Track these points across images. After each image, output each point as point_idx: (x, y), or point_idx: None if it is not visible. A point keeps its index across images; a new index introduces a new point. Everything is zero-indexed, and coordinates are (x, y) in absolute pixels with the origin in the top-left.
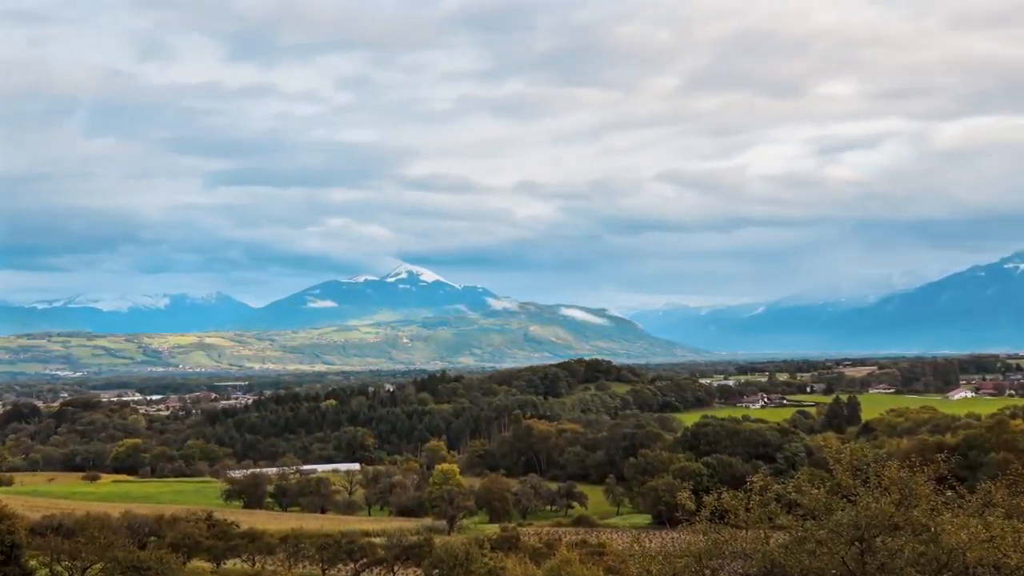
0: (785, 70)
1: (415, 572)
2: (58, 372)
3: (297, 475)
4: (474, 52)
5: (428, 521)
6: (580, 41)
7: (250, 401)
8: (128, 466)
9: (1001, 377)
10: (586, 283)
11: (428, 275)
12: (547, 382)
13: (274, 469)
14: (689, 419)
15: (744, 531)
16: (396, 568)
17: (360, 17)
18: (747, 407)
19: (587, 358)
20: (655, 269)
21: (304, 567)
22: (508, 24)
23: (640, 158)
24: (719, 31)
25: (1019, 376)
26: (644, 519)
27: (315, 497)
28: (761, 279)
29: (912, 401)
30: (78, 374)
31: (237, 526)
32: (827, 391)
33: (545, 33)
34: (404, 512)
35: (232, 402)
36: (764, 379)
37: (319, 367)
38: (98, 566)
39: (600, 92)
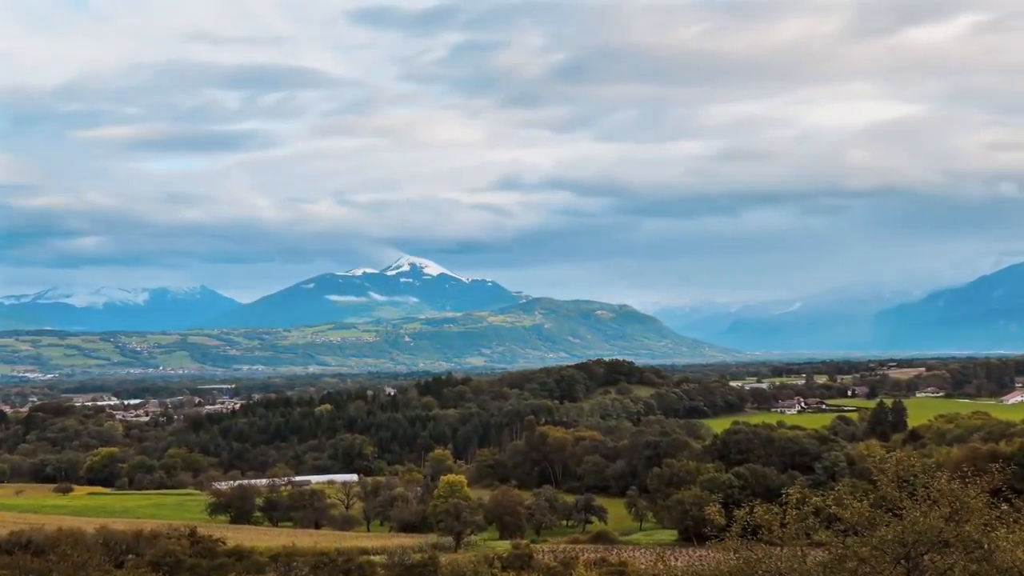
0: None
1: None
2: (27, 374)
3: (289, 487)
4: None
5: (432, 538)
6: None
7: (237, 406)
8: (104, 477)
9: None
10: (606, 277)
11: (432, 268)
12: (563, 385)
13: (264, 480)
14: (718, 425)
15: (779, 548)
16: None
17: None
18: (782, 412)
19: (607, 359)
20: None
21: None
22: None
23: None
24: None
25: None
26: (669, 535)
27: (309, 511)
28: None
29: (963, 406)
30: (49, 376)
31: (223, 543)
32: (870, 395)
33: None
34: (406, 528)
35: (218, 407)
36: (800, 382)
37: (313, 369)
38: None
39: None
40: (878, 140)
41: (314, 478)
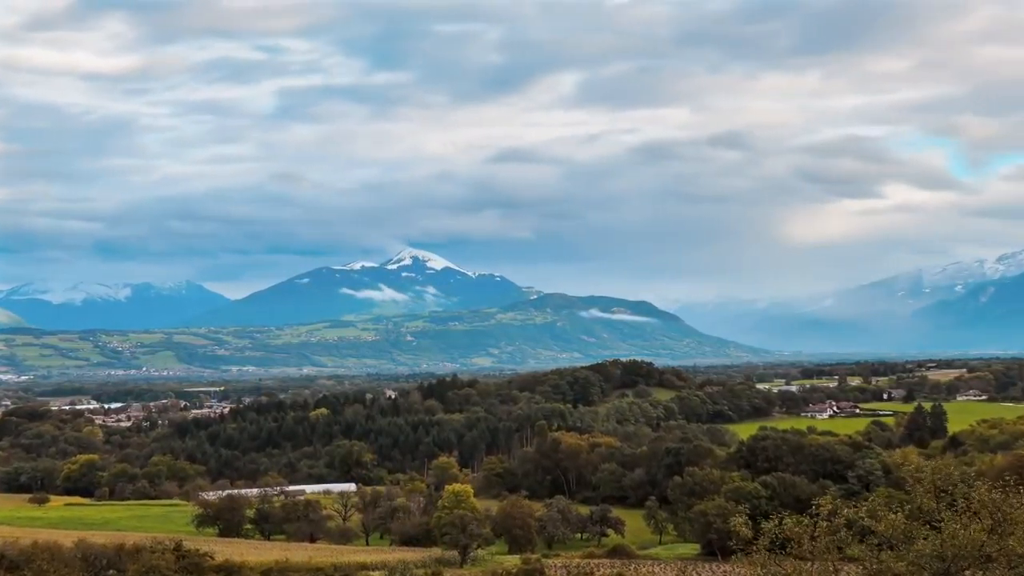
0: None
1: None
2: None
3: (282, 497)
4: None
5: (436, 552)
6: None
7: (226, 410)
8: (82, 486)
9: None
10: (624, 271)
11: (436, 261)
12: (577, 388)
13: (255, 490)
14: (744, 431)
15: (809, 564)
16: None
17: None
18: (813, 417)
19: (624, 359)
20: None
21: None
22: None
23: None
24: None
25: None
26: (692, 549)
27: (303, 523)
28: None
29: (1008, 410)
30: (23, 378)
31: (211, 557)
32: (907, 398)
33: None
34: (408, 541)
35: (205, 411)
36: (833, 384)
37: (308, 370)
38: None
39: None
40: None
41: (309, 488)
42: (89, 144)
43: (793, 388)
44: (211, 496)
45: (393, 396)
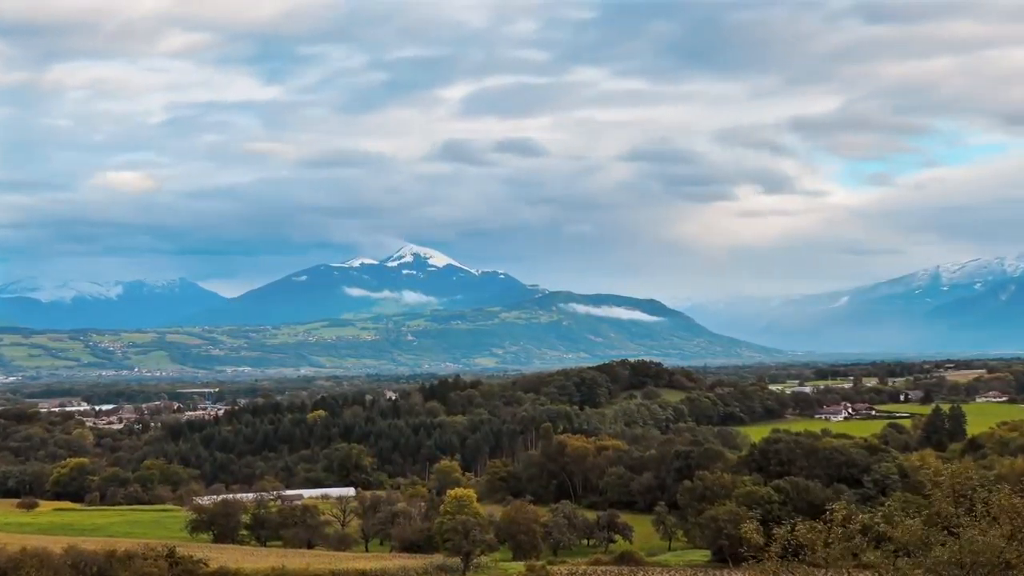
0: None
1: None
2: None
3: (278, 502)
4: None
5: (438, 558)
6: None
7: (221, 412)
8: (72, 491)
9: None
10: (632, 268)
11: (438, 258)
12: (584, 389)
13: (250, 495)
14: (756, 434)
15: (823, 571)
16: None
17: None
18: (827, 419)
19: (632, 360)
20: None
21: None
22: None
23: None
24: None
25: None
26: (702, 556)
27: (300, 529)
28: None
29: None
30: (11, 379)
31: (205, 564)
32: (925, 400)
33: None
34: (409, 547)
35: (199, 413)
36: (847, 385)
37: (305, 371)
38: None
39: None
40: None
41: (306, 492)
42: None
43: (807, 389)
44: (205, 501)
45: (393, 397)
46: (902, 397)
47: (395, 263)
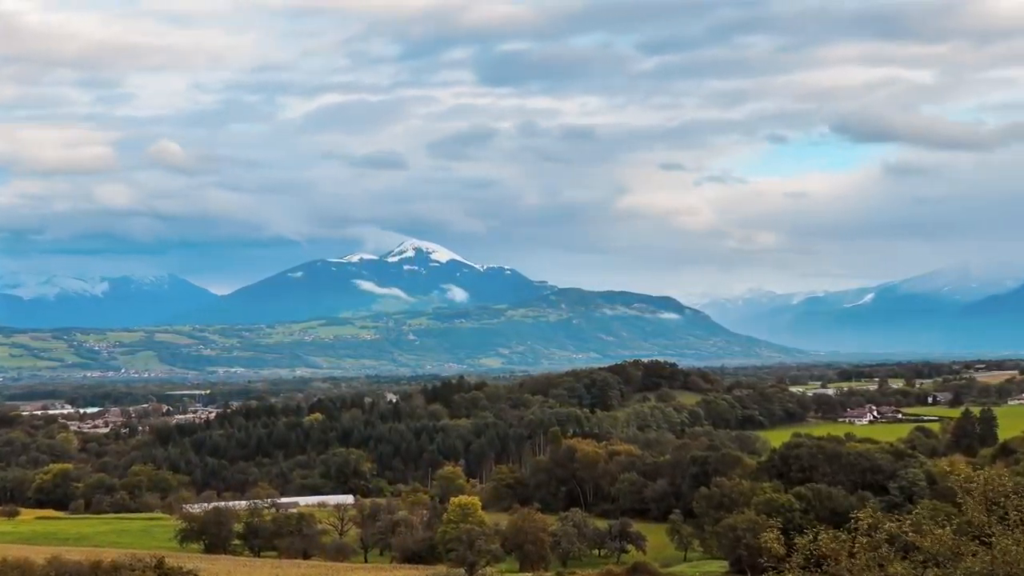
0: None
1: None
2: None
3: (273, 510)
4: None
5: (441, 569)
6: None
7: (213, 415)
8: (56, 498)
9: None
10: (645, 264)
11: (441, 253)
12: (594, 391)
13: (243, 503)
14: (777, 438)
15: None
16: None
17: None
18: (851, 423)
19: (646, 360)
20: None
21: None
22: None
23: None
24: None
25: None
26: (719, 567)
27: (296, 538)
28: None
29: None
30: None
31: (196, 575)
32: (954, 402)
33: None
34: (410, 558)
35: (190, 416)
36: (873, 387)
37: (301, 372)
38: None
39: None
40: None
41: (302, 500)
42: None
43: (829, 391)
44: (196, 509)
45: (394, 400)
46: (930, 399)
47: (396, 258)
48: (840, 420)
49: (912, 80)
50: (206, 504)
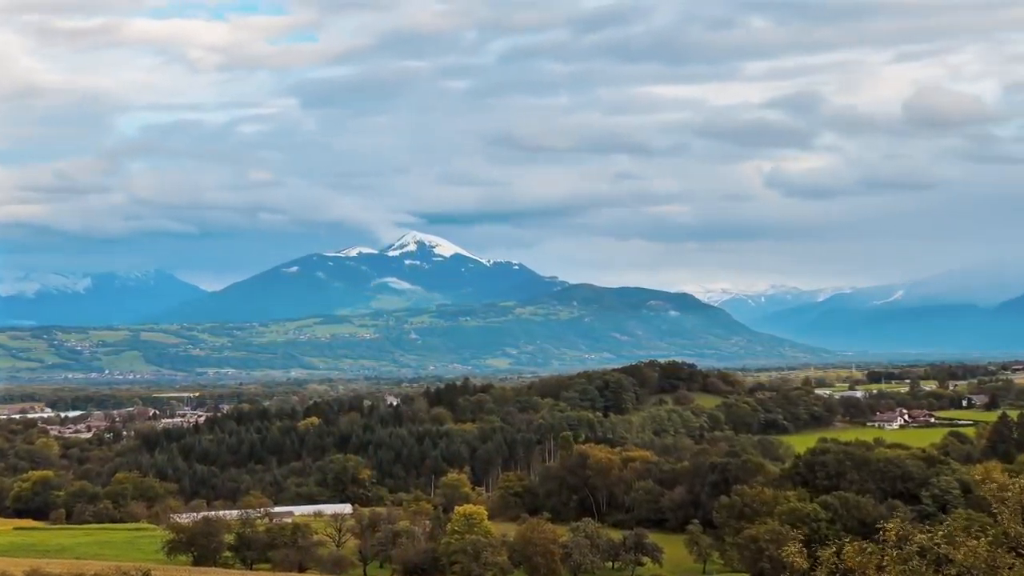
0: None
1: None
2: None
3: (266, 520)
4: None
5: None
6: None
7: (202, 419)
8: (35, 507)
9: None
10: (663, 258)
11: (445, 247)
12: (608, 393)
13: (235, 512)
14: (801, 443)
15: None
16: None
17: None
18: (880, 427)
19: (662, 360)
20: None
21: None
22: None
23: None
24: None
25: None
26: None
27: (291, 550)
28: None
29: None
30: None
31: None
32: (990, 405)
33: None
34: (412, 570)
35: (178, 420)
36: (904, 389)
37: (296, 373)
38: None
39: None
40: None
41: (297, 509)
42: None
43: (858, 394)
44: (184, 519)
45: (395, 403)
46: (964, 403)
47: (397, 252)
48: (869, 424)
49: None
50: (195, 514)
